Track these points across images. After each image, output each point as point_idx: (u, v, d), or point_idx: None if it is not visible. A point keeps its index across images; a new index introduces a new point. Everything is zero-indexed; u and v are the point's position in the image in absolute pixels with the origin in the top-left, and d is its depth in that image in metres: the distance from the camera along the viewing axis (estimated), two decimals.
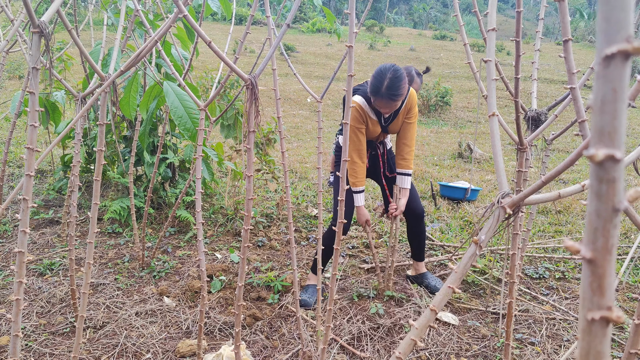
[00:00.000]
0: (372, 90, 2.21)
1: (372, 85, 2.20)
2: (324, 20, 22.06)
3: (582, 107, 0.99)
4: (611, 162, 0.27)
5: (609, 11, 0.26)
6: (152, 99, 2.12)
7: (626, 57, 0.26)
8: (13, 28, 1.93)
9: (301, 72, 12.96)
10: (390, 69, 2.17)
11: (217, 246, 3.10)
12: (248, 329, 2.18)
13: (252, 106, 1.11)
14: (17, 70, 9.23)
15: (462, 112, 10.14)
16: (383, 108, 2.26)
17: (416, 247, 2.68)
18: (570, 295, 2.62)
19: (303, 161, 5.48)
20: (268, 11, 1.43)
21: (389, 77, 2.15)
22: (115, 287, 2.47)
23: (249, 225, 1.23)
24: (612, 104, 0.26)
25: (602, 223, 0.28)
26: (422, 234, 2.65)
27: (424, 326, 0.83)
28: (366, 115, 2.36)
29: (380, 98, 2.19)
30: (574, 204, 4.25)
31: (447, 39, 23.05)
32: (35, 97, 1.02)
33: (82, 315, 1.42)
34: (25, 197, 1.04)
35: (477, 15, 1.38)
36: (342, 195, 1.28)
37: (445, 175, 5.19)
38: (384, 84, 2.16)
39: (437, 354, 2.05)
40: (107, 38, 2.02)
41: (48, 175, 4.22)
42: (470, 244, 0.84)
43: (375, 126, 2.42)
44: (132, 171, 2.56)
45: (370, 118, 2.38)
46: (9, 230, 3.04)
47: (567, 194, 0.82)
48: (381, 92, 2.17)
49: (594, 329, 0.30)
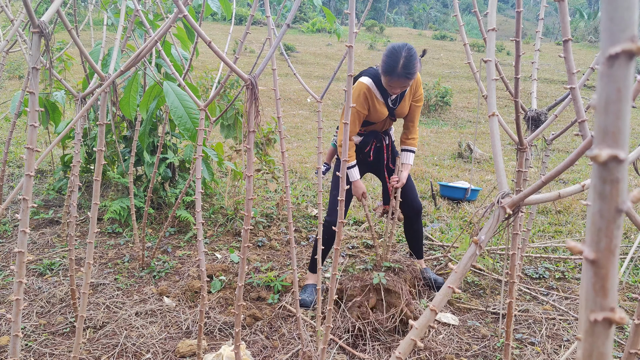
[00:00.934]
0: (386, 69, 2.16)
1: (387, 64, 2.15)
2: (324, 20, 22.06)
3: (582, 107, 0.99)
4: (615, 162, 0.27)
5: (613, 10, 0.26)
6: (152, 99, 2.12)
7: (630, 57, 0.26)
8: (13, 28, 1.93)
9: (301, 72, 12.96)
10: (404, 47, 2.16)
11: (217, 246, 3.09)
12: (248, 329, 2.17)
13: (252, 106, 1.11)
14: (17, 70, 9.22)
15: (462, 112, 10.14)
16: (396, 88, 2.23)
17: (415, 245, 2.69)
18: (570, 295, 2.62)
19: (303, 161, 5.48)
20: (268, 11, 1.43)
21: (404, 56, 2.13)
22: (115, 287, 2.47)
23: (249, 225, 1.23)
24: (616, 104, 0.26)
25: (606, 224, 0.28)
26: (419, 231, 2.66)
27: (424, 326, 0.83)
28: (373, 98, 2.33)
29: (396, 77, 2.16)
30: (574, 204, 4.24)
31: (447, 39, 23.05)
32: (35, 97, 1.02)
33: (82, 315, 1.42)
34: (25, 197, 1.03)
35: (477, 15, 1.38)
36: (342, 195, 1.27)
37: (445, 175, 5.19)
38: (400, 63, 2.13)
39: (437, 354, 2.05)
40: (107, 38, 2.02)
41: (48, 175, 4.22)
42: (470, 244, 0.83)
43: (382, 108, 2.39)
44: (132, 171, 2.55)
45: (377, 100, 2.35)
46: (9, 230, 3.04)
47: (567, 194, 0.82)
48: (397, 71, 2.14)
49: (596, 330, 0.29)
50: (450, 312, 2.41)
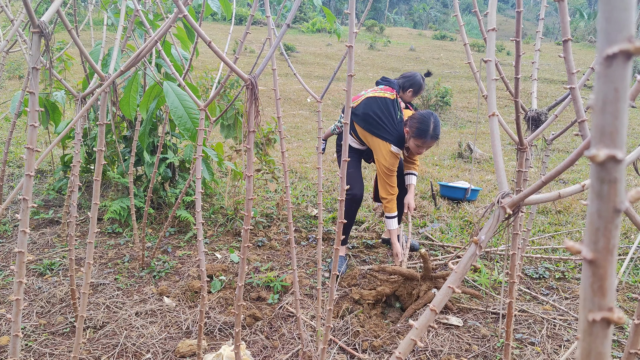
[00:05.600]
0: (419, 134, 2.59)
1: (419, 130, 2.59)
2: (324, 20, 22.06)
3: (582, 107, 0.99)
4: (612, 162, 0.27)
5: (610, 11, 0.26)
6: (152, 99, 2.12)
7: (628, 57, 0.26)
8: (13, 28, 1.93)
9: (301, 72, 12.96)
10: (431, 114, 2.61)
11: (217, 246, 3.10)
12: (248, 329, 2.17)
13: (252, 106, 1.11)
14: (17, 70, 9.23)
15: (462, 112, 10.14)
16: (423, 148, 2.67)
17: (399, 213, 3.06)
18: (570, 295, 2.62)
19: (303, 161, 5.48)
20: (268, 11, 1.43)
21: (433, 122, 2.58)
22: (115, 287, 2.47)
23: (249, 225, 1.23)
24: (614, 104, 0.26)
25: (604, 223, 0.28)
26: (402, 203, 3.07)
27: (424, 326, 0.83)
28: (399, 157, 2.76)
29: (428, 139, 2.60)
30: (574, 204, 4.24)
31: (447, 39, 23.05)
32: (35, 97, 1.02)
33: (82, 315, 1.42)
34: (25, 197, 1.04)
35: (477, 15, 1.38)
36: (342, 195, 1.28)
37: (445, 175, 5.19)
38: (431, 127, 2.57)
39: (437, 354, 2.05)
40: (107, 38, 2.02)
41: (48, 175, 4.22)
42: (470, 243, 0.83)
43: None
44: (132, 171, 2.55)
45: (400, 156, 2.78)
46: (9, 230, 3.04)
47: (567, 194, 0.82)
48: (429, 134, 2.58)
49: (594, 330, 0.30)
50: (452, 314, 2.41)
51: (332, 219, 3.68)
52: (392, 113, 2.69)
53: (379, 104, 2.69)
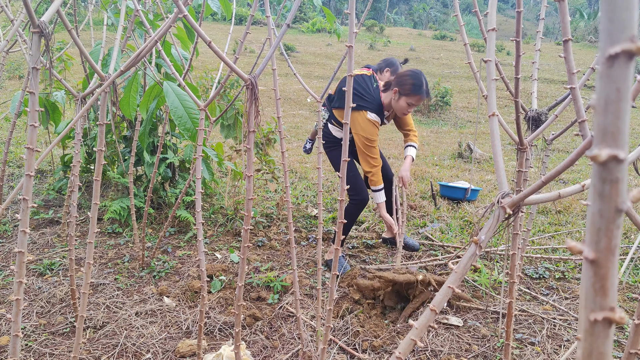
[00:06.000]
0: (414, 89, 2.50)
1: (415, 85, 2.50)
2: (324, 20, 22.06)
3: (582, 107, 0.99)
4: (614, 162, 0.27)
5: (612, 11, 0.26)
6: (152, 99, 2.12)
7: (630, 57, 0.26)
8: (13, 28, 1.93)
9: (301, 72, 12.96)
10: (419, 71, 2.53)
11: (217, 246, 3.09)
12: (248, 329, 2.17)
13: (252, 106, 1.11)
14: (17, 70, 9.22)
15: (462, 112, 10.14)
16: (413, 106, 2.56)
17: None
18: (570, 295, 2.62)
19: (303, 161, 5.48)
20: (268, 11, 1.43)
21: (424, 78, 2.52)
22: (115, 287, 2.47)
23: (249, 225, 1.23)
24: (616, 104, 0.26)
25: (605, 223, 0.28)
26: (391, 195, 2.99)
27: (424, 326, 0.83)
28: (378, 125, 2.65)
29: (424, 95, 2.52)
30: (574, 204, 4.24)
31: (447, 39, 23.05)
32: (35, 97, 1.02)
33: (82, 315, 1.42)
34: (25, 197, 1.04)
35: (477, 15, 1.38)
36: (342, 195, 1.28)
37: (445, 175, 5.19)
38: (424, 83, 2.50)
39: (437, 354, 2.05)
40: (107, 38, 2.02)
41: (48, 175, 4.22)
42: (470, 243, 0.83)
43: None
44: (132, 171, 2.55)
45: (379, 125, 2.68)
46: (9, 230, 3.04)
47: (567, 194, 0.82)
48: (423, 89, 2.50)
49: (596, 330, 0.29)
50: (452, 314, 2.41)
51: (332, 219, 3.68)
52: (367, 83, 2.61)
53: (354, 80, 2.64)
